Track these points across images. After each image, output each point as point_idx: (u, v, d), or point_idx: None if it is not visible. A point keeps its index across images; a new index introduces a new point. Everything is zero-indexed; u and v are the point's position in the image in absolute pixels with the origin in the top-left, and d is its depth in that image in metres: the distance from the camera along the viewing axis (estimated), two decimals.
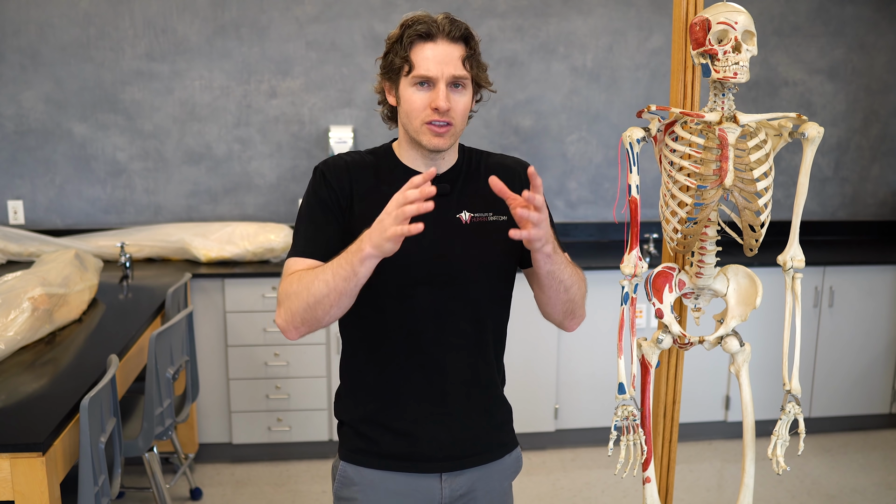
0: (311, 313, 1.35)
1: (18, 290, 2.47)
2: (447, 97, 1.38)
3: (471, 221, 1.47)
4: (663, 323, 1.57)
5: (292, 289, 1.37)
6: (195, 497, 3.18)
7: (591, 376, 3.57)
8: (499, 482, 1.58)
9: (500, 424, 1.59)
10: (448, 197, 1.48)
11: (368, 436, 1.51)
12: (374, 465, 1.51)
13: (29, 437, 1.78)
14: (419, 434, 1.49)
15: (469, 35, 1.42)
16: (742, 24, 1.39)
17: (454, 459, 1.52)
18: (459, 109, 1.42)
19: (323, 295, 1.32)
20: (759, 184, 1.42)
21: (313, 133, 3.83)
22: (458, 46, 1.40)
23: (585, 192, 4.07)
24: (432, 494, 1.52)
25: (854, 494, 3.25)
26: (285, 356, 3.38)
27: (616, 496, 3.23)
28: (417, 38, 1.39)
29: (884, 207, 4.32)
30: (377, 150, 1.55)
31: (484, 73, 1.47)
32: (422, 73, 1.39)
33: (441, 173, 1.49)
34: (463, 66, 1.40)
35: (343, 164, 1.49)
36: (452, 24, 1.40)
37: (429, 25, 1.38)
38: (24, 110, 3.67)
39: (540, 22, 3.87)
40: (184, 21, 3.68)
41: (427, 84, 1.40)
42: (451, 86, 1.40)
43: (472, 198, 1.49)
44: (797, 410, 1.51)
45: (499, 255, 1.49)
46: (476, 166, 1.54)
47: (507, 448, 1.60)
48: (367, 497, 1.51)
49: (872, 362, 3.76)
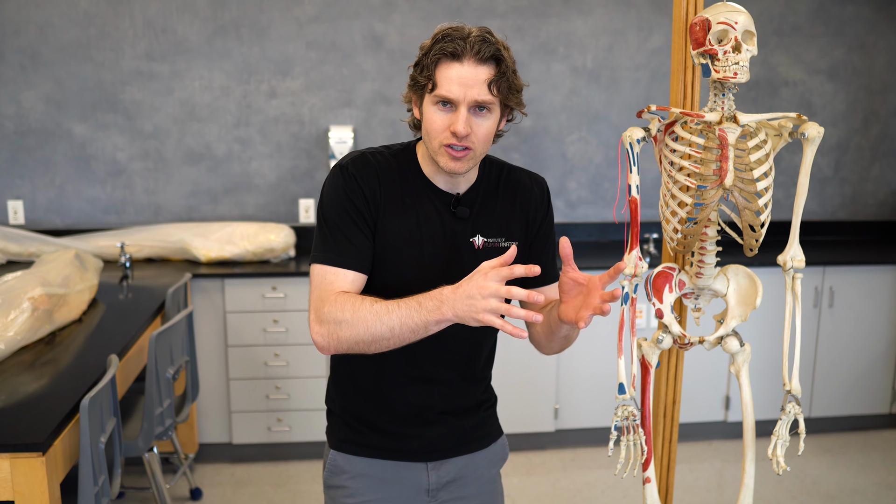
0: (362, 347, 1.31)
1: (18, 290, 2.47)
2: (467, 122, 1.33)
3: (483, 247, 1.46)
4: (663, 323, 1.57)
5: (343, 316, 1.30)
6: (195, 497, 3.18)
7: (591, 376, 3.57)
8: (486, 469, 1.62)
9: (486, 416, 1.63)
10: (465, 221, 1.46)
11: (358, 429, 1.55)
12: (363, 453, 1.54)
13: (29, 437, 1.79)
14: (406, 433, 1.53)
15: (500, 56, 1.34)
16: (742, 24, 1.39)
17: (439, 451, 1.56)
18: (481, 135, 1.36)
19: (384, 338, 1.28)
20: (759, 184, 1.42)
21: (313, 133, 3.83)
22: (486, 68, 1.33)
23: (585, 192, 4.07)
24: (420, 481, 1.55)
25: (854, 494, 3.25)
26: (285, 356, 3.38)
27: (616, 496, 3.23)
28: (444, 57, 1.33)
29: (884, 207, 4.32)
30: (400, 151, 1.49)
31: (517, 94, 1.40)
32: (443, 93, 1.33)
33: (462, 193, 1.47)
34: (489, 89, 1.33)
35: (373, 169, 1.43)
36: (483, 44, 1.32)
37: (456, 44, 1.32)
38: (24, 110, 3.67)
39: (540, 22, 3.87)
40: (184, 21, 3.68)
41: (449, 105, 1.34)
42: (475, 109, 1.35)
43: (487, 220, 1.48)
44: (797, 410, 1.51)
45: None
46: (495, 184, 1.51)
47: (491, 437, 1.64)
48: (356, 485, 1.54)
49: (872, 362, 3.76)
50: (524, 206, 1.51)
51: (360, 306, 1.29)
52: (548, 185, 1.57)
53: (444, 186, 1.46)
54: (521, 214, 1.51)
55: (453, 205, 1.45)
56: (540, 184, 1.55)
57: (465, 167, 1.38)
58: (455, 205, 1.45)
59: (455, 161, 1.37)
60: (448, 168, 1.38)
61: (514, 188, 1.51)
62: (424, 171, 1.46)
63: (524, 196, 1.51)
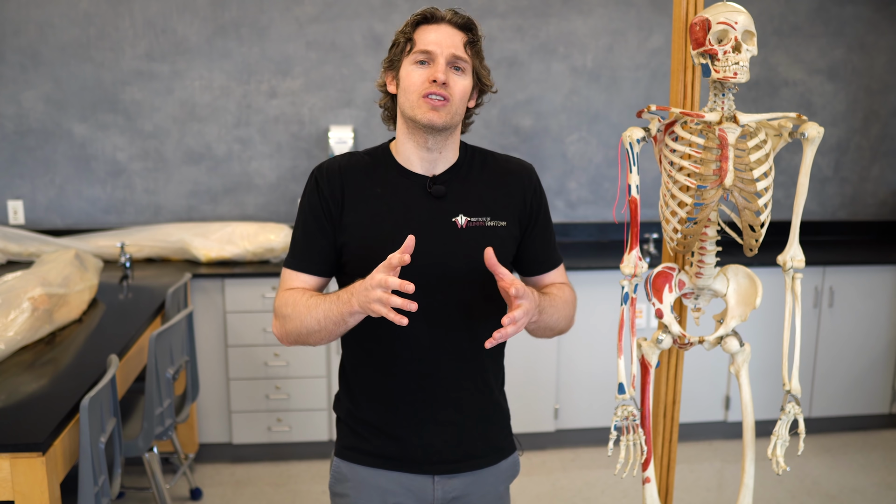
0: (303, 339, 1.43)
1: (18, 290, 2.47)
2: (446, 72, 1.40)
3: (466, 226, 1.45)
4: (663, 323, 1.57)
5: (287, 311, 1.42)
6: (195, 497, 3.18)
7: (591, 376, 3.57)
8: (493, 486, 1.57)
9: (495, 430, 1.57)
10: (444, 199, 1.46)
11: (362, 435, 1.52)
12: (367, 462, 1.52)
13: (29, 437, 1.78)
14: (411, 439, 1.49)
15: (472, 24, 1.45)
16: (742, 24, 1.39)
17: (447, 463, 1.51)
18: (458, 90, 1.42)
19: (315, 330, 1.39)
20: (759, 184, 1.42)
21: (313, 133, 3.83)
22: (461, 33, 1.43)
23: (585, 192, 4.07)
24: (424, 494, 1.52)
25: (854, 494, 3.25)
26: (285, 356, 3.38)
27: (616, 496, 3.23)
28: (422, 21, 1.44)
29: (884, 207, 4.32)
30: (376, 149, 1.54)
31: (485, 71, 1.48)
32: (422, 47, 1.41)
33: (438, 174, 1.47)
34: (464, 49, 1.42)
35: (337, 167, 1.48)
36: (456, 14, 1.44)
37: (434, 11, 1.44)
38: (24, 110, 3.67)
39: (540, 22, 3.87)
40: (184, 21, 3.68)
41: (427, 63, 1.42)
42: (452, 68, 1.42)
43: (470, 201, 1.47)
44: (797, 410, 1.51)
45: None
46: (479, 167, 1.51)
47: (503, 453, 1.58)
48: (358, 493, 1.52)
49: (872, 362, 3.76)
50: (515, 191, 1.51)
51: (298, 301, 1.41)
52: (536, 172, 1.57)
53: (419, 169, 1.47)
54: (510, 198, 1.50)
55: (429, 184, 1.46)
56: (529, 170, 1.55)
57: (443, 118, 1.40)
58: (431, 184, 1.46)
59: (434, 111, 1.40)
60: (427, 119, 1.40)
61: (501, 172, 1.52)
62: (398, 159, 1.49)
63: (515, 181, 1.52)
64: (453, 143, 1.49)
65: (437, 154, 1.46)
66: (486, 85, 1.50)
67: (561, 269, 1.62)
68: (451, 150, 1.49)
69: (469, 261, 1.43)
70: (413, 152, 1.47)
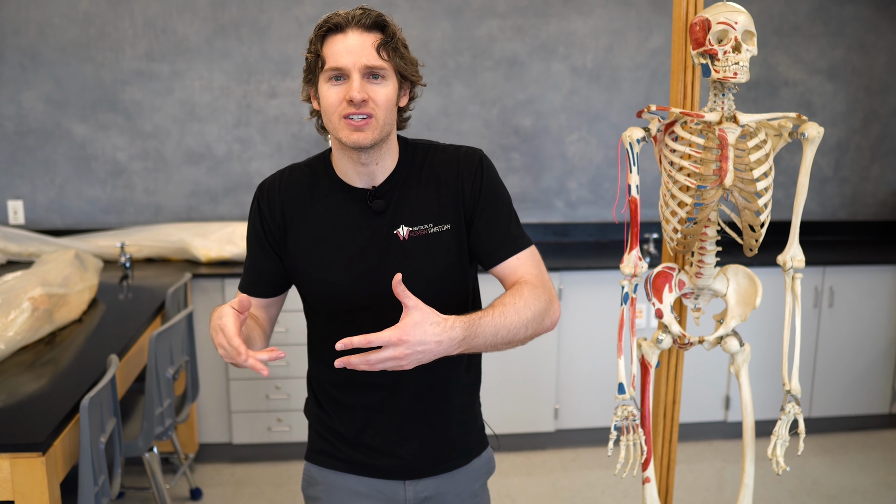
0: None
1: (18, 290, 2.47)
2: (361, 87, 1.28)
3: (409, 237, 1.37)
4: (663, 323, 1.57)
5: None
6: (195, 497, 3.18)
7: (591, 376, 3.57)
8: (468, 484, 1.55)
9: (465, 432, 1.54)
10: (383, 214, 1.38)
11: (331, 441, 1.52)
12: (336, 467, 1.51)
13: (29, 437, 1.78)
14: (379, 448, 1.47)
15: (384, 22, 1.32)
16: (742, 24, 1.39)
17: (415, 470, 1.49)
18: (380, 100, 1.30)
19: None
20: (759, 184, 1.42)
21: (313, 133, 3.83)
22: (372, 35, 1.30)
23: (585, 192, 4.07)
24: (396, 496, 1.50)
25: (854, 494, 3.25)
26: (285, 356, 3.38)
27: (616, 496, 3.23)
28: (328, 32, 1.31)
29: (884, 207, 4.32)
30: (316, 161, 1.46)
31: (411, 66, 1.36)
32: (333, 64, 1.29)
33: (378, 184, 1.39)
34: (378, 54, 1.30)
35: (276, 187, 1.43)
36: (364, 13, 1.30)
37: (339, 18, 1.30)
38: (24, 110, 3.67)
39: (540, 22, 3.87)
40: (184, 21, 3.68)
41: (342, 78, 1.30)
42: (369, 77, 1.30)
43: (411, 209, 1.38)
44: (797, 410, 1.51)
45: (444, 268, 1.39)
46: (418, 169, 1.41)
47: (473, 453, 1.55)
48: (329, 497, 1.52)
49: (872, 362, 3.76)
50: (449, 183, 1.39)
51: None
52: (484, 155, 1.43)
53: (358, 183, 1.39)
54: (448, 193, 1.39)
55: (368, 199, 1.38)
56: (468, 155, 1.41)
57: (369, 138, 1.30)
58: (371, 198, 1.38)
59: (357, 132, 1.30)
60: (351, 141, 1.30)
61: (437, 169, 1.41)
62: (338, 171, 1.41)
63: (448, 173, 1.40)
64: (389, 150, 1.39)
65: (373, 166, 1.37)
66: (414, 78, 1.37)
67: (524, 256, 1.40)
68: (389, 157, 1.40)
69: (417, 272, 1.36)
70: (349, 167, 1.38)
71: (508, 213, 1.42)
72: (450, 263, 1.39)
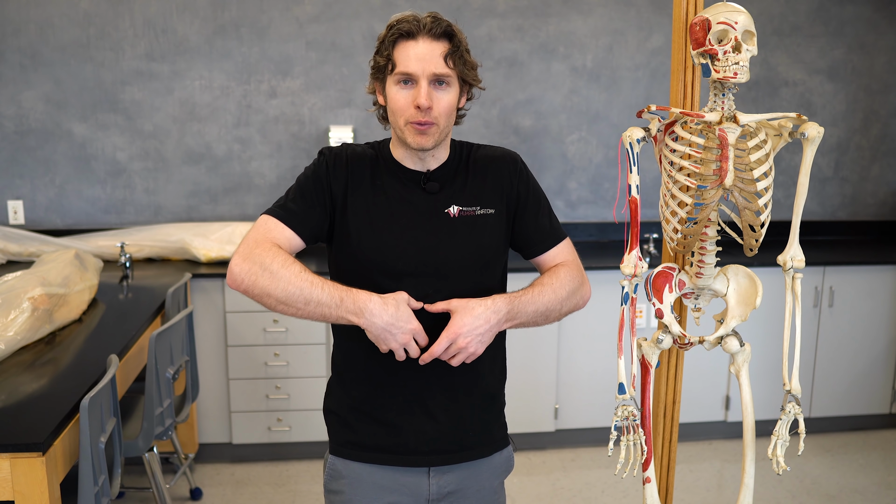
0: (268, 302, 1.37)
1: (18, 290, 2.47)
2: (429, 95, 1.40)
3: (458, 215, 1.50)
4: (663, 323, 1.57)
5: (271, 266, 1.36)
6: (195, 497, 3.18)
7: (591, 376, 3.57)
8: (488, 480, 1.59)
9: (489, 419, 1.59)
10: (437, 195, 1.51)
11: (354, 427, 1.53)
12: (362, 458, 1.53)
13: (29, 437, 1.79)
14: (404, 426, 1.51)
15: (452, 32, 1.43)
16: (742, 24, 1.39)
17: (441, 454, 1.53)
18: (443, 108, 1.43)
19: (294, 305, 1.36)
20: (759, 184, 1.42)
21: (313, 133, 3.83)
22: (441, 43, 1.42)
23: (585, 192, 4.07)
24: (420, 489, 1.53)
25: (854, 494, 3.25)
26: (285, 356, 3.38)
27: (616, 496, 3.23)
28: (400, 37, 1.41)
29: (884, 207, 4.32)
30: (378, 143, 1.58)
31: (472, 71, 1.48)
32: (403, 70, 1.41)
33: (432, 170, 1.52)
34: (445, 63, 1.41)
35: (345, 156, 1.53)
36: (434, 22, 1.41)
37: (411, 24, 1.41)
38: (24, 110, 3.67)
39: (540, 22, 3.87)
40: (184, 21, 3.68)
41: (410, 82, 1.42)
42: (435, 83, 1.42)
43: (461, 192, 1.53)
44: (797, 410, 1.51)
45: (484, 248, 1.52)
46: (465, 161, 1.56)
47: (497, 445, 1.61)
48: (353, 490, 1.53)
49: (872, 362, 3.76)
50: (494, 175, 1.55)
51: (291, 266, 1.36)
52: (521, 158, 1.61)
53: (413, 167, 1.52)
54: (493, 183, 1.55)
55: (423, 181, 1.51)
56: (512, 156, 1.59)
57: (432, 141, 1.44)
58: (425, 181, 1.51)
59: (421, 136, 1.43)
60: (415, 143, 1.44)
61: (485, 162, 1.56)
62: (395, 155, 1.53)
63: (497, 168, 1.56)
64: (444, 146, 1.54)
65: (429, 157, 1.52)
66: (474, 83, 1.51)
67: (562, 247, 1.61)
68: (443, 150, 1.54)
69: (462, 248, 1.49)
70: (407, 156, 1.52)
71: (548, 208, 1.61)
72: (491, 244, 1.53)
